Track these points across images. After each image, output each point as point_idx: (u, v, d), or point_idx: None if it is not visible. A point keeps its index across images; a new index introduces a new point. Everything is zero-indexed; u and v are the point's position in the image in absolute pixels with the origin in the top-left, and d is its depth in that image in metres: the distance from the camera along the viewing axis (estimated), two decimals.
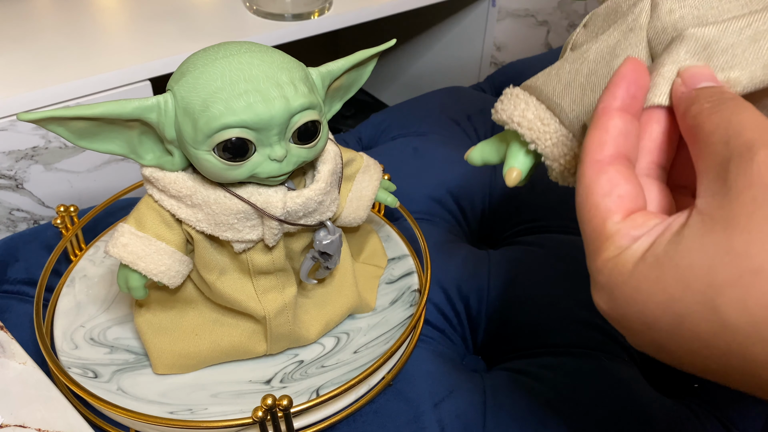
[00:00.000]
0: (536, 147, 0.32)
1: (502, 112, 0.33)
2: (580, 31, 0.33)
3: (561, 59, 0.33)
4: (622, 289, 0.21)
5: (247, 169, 0.32)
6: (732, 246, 0.18)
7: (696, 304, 0.19)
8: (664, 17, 0.28)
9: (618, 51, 0.30)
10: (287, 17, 0.70)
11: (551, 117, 0.32)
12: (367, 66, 0.38)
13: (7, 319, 0.44)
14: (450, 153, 0.61)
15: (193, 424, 0.34)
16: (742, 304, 0.18)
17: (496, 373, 0.42)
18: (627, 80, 0.24)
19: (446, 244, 0.51)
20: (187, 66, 0.32)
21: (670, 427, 0.38)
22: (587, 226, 0.23)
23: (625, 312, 0.22)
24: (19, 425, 0.34)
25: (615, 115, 0.24)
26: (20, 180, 0.59)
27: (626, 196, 0.23)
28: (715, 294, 0.19)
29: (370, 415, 0.39)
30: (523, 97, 0.33)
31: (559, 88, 0.31)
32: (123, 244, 0.35)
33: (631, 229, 0.22)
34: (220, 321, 0.40)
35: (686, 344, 0.20)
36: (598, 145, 0.24)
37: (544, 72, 0.33)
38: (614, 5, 0.31)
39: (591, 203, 0.23)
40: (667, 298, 0.20)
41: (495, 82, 0.80)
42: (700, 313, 0.19)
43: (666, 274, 0.20)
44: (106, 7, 0.72)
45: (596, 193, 0.23)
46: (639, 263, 0.21)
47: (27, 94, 0.55)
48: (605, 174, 0.23)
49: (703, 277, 0.19)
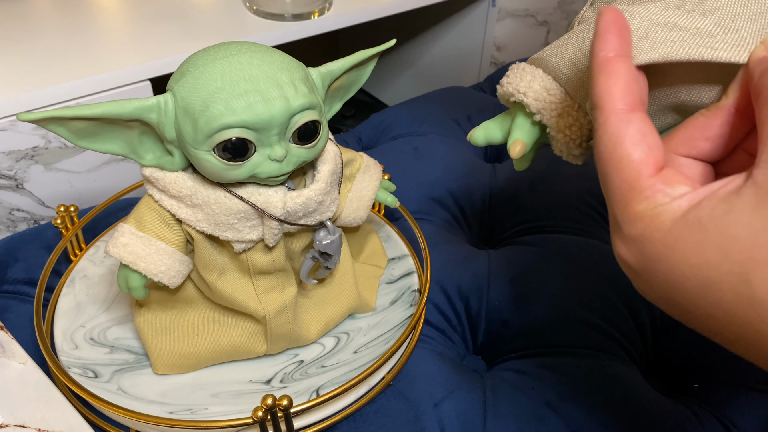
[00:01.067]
0: (542, 117, 0.32)
1: (507, 84, 0.33)
2: (587, 10, 0.33)
3: (568, 33, 0.32)
4: (655, 245, 0.21)
5: (247, 169, 0.32)
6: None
7: (730, 273, 0.19)
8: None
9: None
10: (287, 17, 0.70)
11: (558, 87, 0.32)
12: (367, 66, 0.38)
13: (7, 319, 0.44)
14: (450, 153, 0.61)
15: (193, 424, 0.34)
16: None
17: (496, 373, 0.42)
18: (616, 25, 0.24)
19: (446, 244, 0.51)
20: (187, 66, 0.32)
21: (670, 427, 0.38)
22: (616, 177, 0.22)
23: (653, 266, 0.21)
24: (19, 425, 0.34)
25: (618, 60, 0.23)
26: (20, 180, 0.59)
27: (655, 146, 0.22)
28: (753, 268, 0.18)
29: (370, 415, 0.39)
30: (529, 70, 0.33)
31: (566, 58, 0.31)
32: (123, 244, 0.35)
33: (667, 186, 0.22)
34: (220, 321, 0.40)
35: (706, 309, 0.20)
36: (616, 93, 0.23)
37: (551, 45, 0.33)
38: None
39: (621, 153, 0.22)
40: (702, 262, 0.20)
41: (495, 82, 0.80)
42: (731, 283, 0.19)
43: (708, 239, 0.20)
44: (106, 7, 0.72)
45: (627, 143, 0.22)
46: (679, 221, 0.20)
47: (27, 94, 0.55)
48: (633, 123, 0.22)
49: (745, 251, 0.19)
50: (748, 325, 0.19)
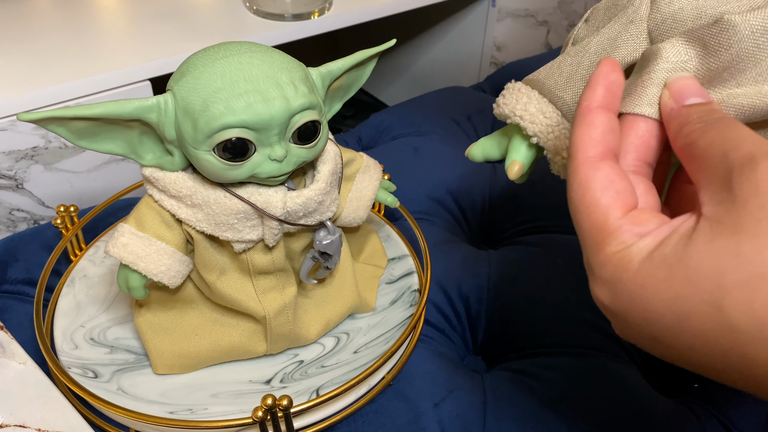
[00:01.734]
0: (538, 140, 0.32)
1: (504, 106, 0.33)
2: (582, 26, 0.33)
3: (562, 54, 0.33)
4: (627, 285, 0.22)
5: (247, 169, 0.32)
6: (741, 250, 0.19)
7: (703, 303, 0.20)
8: (663, 8, 0.28)
9: (619, 42, 0.30)
10: (287, 17, 0.70)
11: (553, 110, 0.32)
12: (367, 66, 0.38)
13: (7, 319, 0.44)
14: (450, 153, 0.61)
15: (193, 424, 0.34)
16: (748, 306, 0.19)
17: (496, 373, 0.42)
18: (606, 79, 0.25)
19: (446, 244, 0.51)
20: (187, 66, 0.32)
21: (670, 427, 0.38)
22: (586, 222, 0.23)
23: (627, 307, 0.22)
24: (19, 425, 0.34)
25: (599, 112, 0.25)
26: (20, 180, 0.59)
27: (623, 191, 0.23)
28: (723, 295, 0.19)
29: (370, 415, 0.39)
30: (525, 91, 0.33)
31: (561, 81, 0.31)
32: (123, 244, 0.35)
33: (635, 226, 0.22)
34: (220, 321, 0.40)
35: (688, 341, 0.21)
36: (589, 143, 0.24)
37: (546, 66, 0.33)
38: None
39: (589, 199, 0.23)
40: (674, 297, 0.20)
41: (495, 82, 0.80)
42: (706, 312, 0.20)
43: (674, 273, 0.20)
44: (106, 7, 0.72)
45: (594, 189, 0.23)
46: (645, 261, 0.21)
47: (27, 94, 0.55)
48: (600, 170, 0.24)
49: (711, 279, 0.19)
50: (730, 351, 0.20)
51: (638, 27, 0.29)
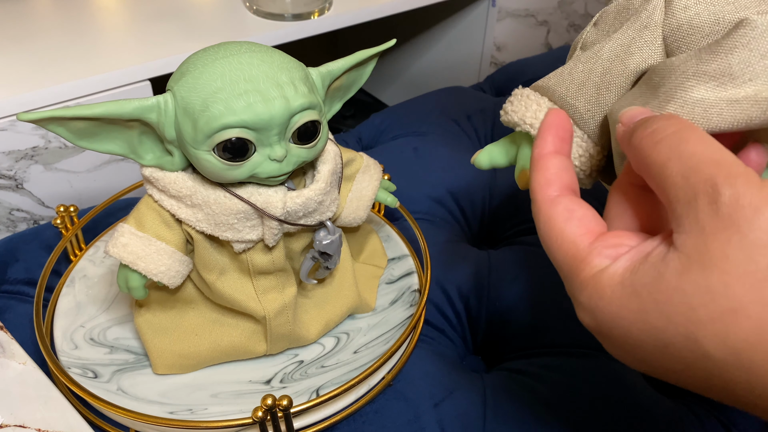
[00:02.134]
0: None
1: (513, 113, 0.33)
2: (591, 30, 0.33)
3: (572, 59, 0.32)
4: (603, 313, 0.22)
5: (247, 169, 0.32)
6: (711, 286, 0.20)
7: (678, 335, 0.20)
8: (679, 14, 0.28)
9: (633, 49, 0.29)
10: (287, 17, 0.70)
11: None
12: (367, 66, 0.38)
13: (7, 319, 0.44)
14: (450, 153, 0.61)
15: (193, 424, 0.34)
16: (722, 338, 0.19)
17: (496, 373, 0.42)
18: (554, 127, 0.27)
19: (446, 244, 0.51)
20: (187, 66, 0.32)
21: (670, 427, 0.38)
22: (558, 254, 0.24)
23: (608, 332, 0.23)
24: (19, 425, 0.34)
25: (550, 156, 0.26)
26: (20, 180, 0.59)
27: (584, 217, 0.24)
28: (696, 329, 0.20)
29: (370, 415, 0.39)
30: (534, 98, 0.33)
31: (573, 89, 0.31)
32: (123, 244, 0.35)
33: (605, 249, 0.23)
34: (220, 321, 0.40)
35: (671, 365, 0.21)
36: (545, 184, 0.25)
37: (556, 72, 0.32)
38: (626, 2, 0.31)
39: (555, 232, 0.24)
40: (650, 327, 0.21)
41: (495, 82, 0.80)
42: (683, 343, 0.20)
43: (646, 306, 0.21)
44: (106, 7, 0.72)
45: (557, 222, 0.24)
46: (617, 289, 0.22)
47: (27, 94, 0.55)
48: (559, 204, 0.25)
49: (684, 314, 0.20)
50: (711, 376, 0.20)
51: (653, 33, 0.29)
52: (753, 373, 0.19)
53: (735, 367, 0.19)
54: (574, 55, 0.32)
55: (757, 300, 0.19)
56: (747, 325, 0.19)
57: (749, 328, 0.19)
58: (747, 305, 0.19)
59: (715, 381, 0.20)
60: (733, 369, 0.19)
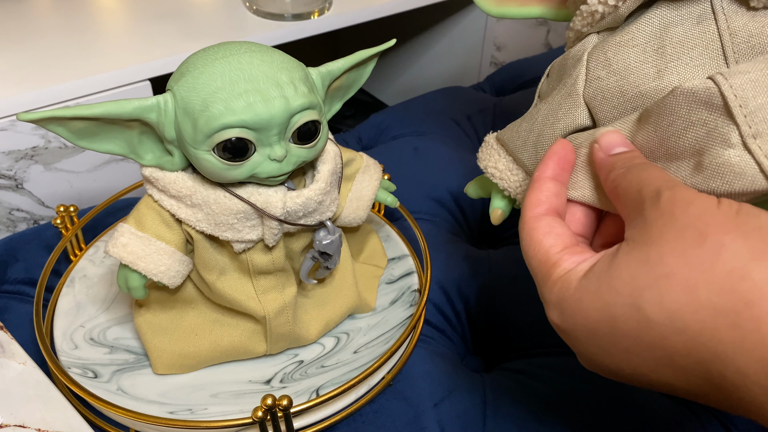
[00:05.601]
0: (509, 194, 0.37)
1: (481, 161, 0.38)
2: (544, 81, 0.37)
3: (522, 116, 0.36)
4: (569, 302, 0.26)
5: (246, 169, 0.32)
6: (648, 257, 0.23)
7: (624, 306, 0.23)
8: (594, 83, 0.31)
9: (559, 114, 0.33)
10: (287, 17, 0.70)
11: (517, 168, 0.36)
12: (367, 66, 0.38)
13: (7, 319, 0.44)
14: (450, 153, 0.61)
15: (193, 424, 0.34)
16: (659, 301, 0.22)
17: (496, 373, 0.42)
18: (557, 156, 0.31)
19: (446, 244, 0.51)
20: (187, 66, 0.32)
21: (670, 427, 0.38)
22: (533, 261, 0.28)
23: (573, 321, 0.26)
24: (19, 425, 0.34)
25: (547, 181, 0.30)
26: (20, 180, 0.59)
27: (562, 234, 0.28)
28: (639, 295, 0.23)
29: (370, 415, 0.39)
30: (496, 148, 0.37)
31: (519, 144, 0.35)
32: (123, 244, 0.35)
33: (573, 255, 0.27)
34: (220, 321, 0.40)
35: (622, 344, 0.24)
36: (535, 203, 0.30)
37: (511, 126, 0.37)
38: (564, 60, 0.34)
39: (534, 242, 0.28)
40: (603, 304, 0.24)
41: (495, 82, 0.80)
42: (629, 313, 0.23)
43: (602, 284, 0.24)
44: (106, 7, 0.72)
45: (538, 233, 0.28)
46: (582, 279, 0.26)
47: (27, 94, 0.55)
48: (543, 221, 0.29)
49: (628, 284, 0.23)
50: (653, 346, 0.23)
51: (575, 100, 0.32)
52: (687, 335, 0.22)
53: (672, 331, 0.22)
54: (527, 112, 0.36)
55: (684, 264, 0.22)
56: (677, 287, 0.22)
57: (679, 289, 0.22)
58: (677, 270, 0.22)
59: (658, 352, 0.23)
60: (671, 333, 0.22)
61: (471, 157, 0.63)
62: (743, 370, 0.21)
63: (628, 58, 0.30)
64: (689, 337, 0.22)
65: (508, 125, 0.37)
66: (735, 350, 0.21)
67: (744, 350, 0.21)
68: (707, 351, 0.21)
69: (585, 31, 0.33)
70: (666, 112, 0.27)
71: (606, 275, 0.24)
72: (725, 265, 0.21)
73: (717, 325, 0.21)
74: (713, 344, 0.21)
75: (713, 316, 0.21)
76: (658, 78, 0.29)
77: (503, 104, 0.71)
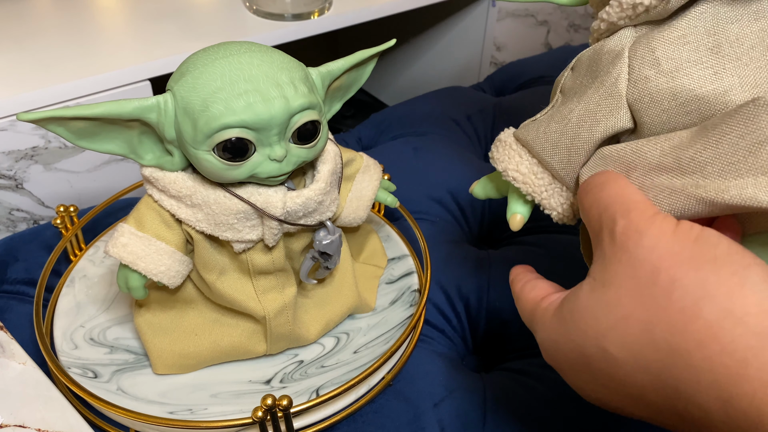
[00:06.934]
0: (533, 198, 0.34)
1: (499, 162, 0.35)
2: (568, 75, 0.33)
3: (547, 115, 0.33)
4: (547, 341, 0.27)
5: (246, 169, 0.32)
6: (608, 300, 0.24)
7: (592, 347, 0.24)
8: (640, 84, 0.28)
9: (599, 116, 0.30)
10: (287, 17, 0.70)
11: (543, 171, 0.33)
12: (367, 66, 0.38)
13: (7, 319, 0.44)
14: (450, 153, 0.61)
15: (193, 424, 0.34)
16: (622, 343, 0.23)
17: (496, 373, 0.42)
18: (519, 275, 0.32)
19: (446, 244, 0.51)
20: (187, 66, 0.32)
21: None
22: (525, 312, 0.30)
23: (556, 359, 0.27)
24: (19, 425, 0.34)
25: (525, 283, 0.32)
26: (20, 180, 0.59)
27: (545, 287, 0.30)
28: (603, 338, 0.23)
29: (370, 415, 0.39)
30: (516, 149, 0.34)
31: (547, 147, 0.32)
32: (123, 244, 0.35)
33: (551, 295, 0.29)
34: (220, 321, 0.40)
35: (598, 380, 0.25)
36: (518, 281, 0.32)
37: (535, 126, 0.33)
38: (596, 54, 0.31)
39: (524, 297, 0.30)
40: (575, 345, 0.25)
41: (495, 82, 0.80)
42: (598, 354, 0.24)
43: (568, 326, 0.25)
44: (106, 7, 0.72)
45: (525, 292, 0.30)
46: (553, 319, 0.27)
47: (27, 94, 0.55)
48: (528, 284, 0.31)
49: (592, 326, 0.24)
50: (622, 384, 0.23)
51: (617, 102, 0.29)
52: (651, 374, 0.22)
53: (637, 370, 0.22)
54: (548, 109, 0.33)
55: (640, 305, 0.22)
56: (636, 327, 0.22)
57: (638, 329, 0.22)
58: (633, 311, 0.22)
59: (629, 389, 0.23)
60: (637, 372, 0.23)
61: (471, 157, 0.63)
62: (704, 407, 0.21)
63: (680, 57, 0.27)
64: (653, 375, 0.22)
65: (526, 123, 0.34)
66: (693, 388, 0.21)
67: (701, 389, 0.21)
68: (670, 389, 0.22)
69: (621, 24, 0.30)
70: (739, 123, 0.24)
71: (572, 315, 0.25)
72: (677, 303, 0.21)
73: (675, 364, 0.21)
74: (673, 382, 0.22)
75: (670, 356, 0.21)
76: (716, 80, 0.27)
77: (503, 104, 0.71)
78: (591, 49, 0.32)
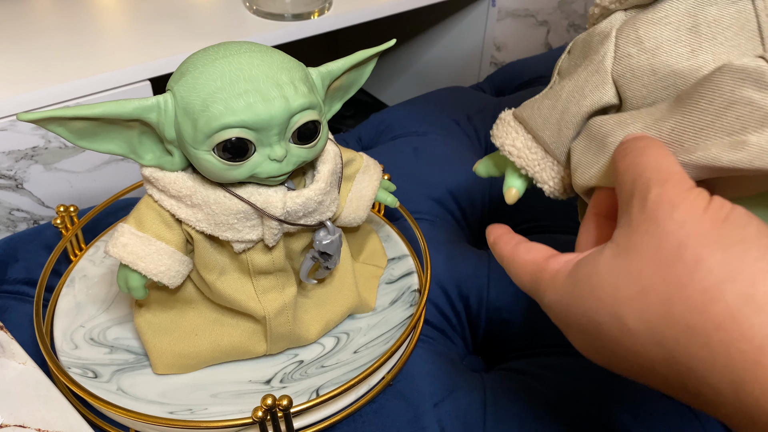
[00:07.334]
0: (526, 172, 0.36)
1: (497, 138, 0.37)
2: (565, 57, 0.36)
3: (542, 93, 0.35)
4: (558, 303, 0.26)
5: (246, 169, 0.32)
6: (630, 269, 0.23)
7: (607, 314, 0.24)
8: (624, 60, 0.31)
9: (586, 91, 0.32)
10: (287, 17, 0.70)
11: (536, 146, 0.35)
12: (367, 66, 0.38)
13: (7, 319, 0.44)
14: (450, 153, 0.61)
15: (193, 424, 0.34)
16: (638, 314, 0.23)
17: (496, 373, 0.42)
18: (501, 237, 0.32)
19: (446, 244, 0.51)
20: (187, 66, 0.32)
21: (671, 427, 0.38)
22: (524, 276, 0.29)
23: (565, 322, 0.26)
24: (19, 425, 0.34)
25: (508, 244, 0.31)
26: (20, 180, 0.59)
27: (542, 249, 0.29)
28: (620, 306, 0.23)
29: (370, 415, 0.39)
30: (513, 125, 0.36)
31: (540, 122, 0.35)
32: (123, 244, 0.35)
33: (559, 257, 0.28)
34: (220, 321, 0.40)
35: (607, 347, 0.24)
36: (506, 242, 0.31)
37: (530, 103, 0.36)
38: (589, 36, 0.33)
39: (519, 262, 0.29)
40: (587, 310, 0.25)
41: (495, 82, 0.80)
42: (611, 322, 0.23)
43: (584, 291, 0.25)
44: (106, 7, 0.72)
45: (519, 255, 0.29)
46: (566, 281, 0.26)
47: (27, 94, 0.55)
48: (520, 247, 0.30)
49: (610, 294, 0.24)
50: (637, 354, 0.23)
51: (603, 77, 0.31)
52: (665, 349, 0.22)
53: (651, 343, 0.22)
54: (546, 89, 0.35)
55: (662, 280, 0.22)
56: (655, 301, 0.22)
57: (657, 303, 0.22)
58: (655, 285, 0.22)
59: (640, 359, 0.23)
60: (651, 345, 0.22)
61: (471, 156, 0.63)
62: (716, 389, 0.21)
63: (661, 36, 0.29)
64: (667, 350, 0.22)
65: (525, 102, 0.36)
66: (707, 369, 0.21)
67: (715, 371, 0.21)
68: (683, 366, 0.22)
69: (612, 8, 0.33)
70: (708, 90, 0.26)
71: (588, 280, 0.25)
72: (700, 283, 0.21)
73: (690, 342, 0.21)
74: (687, 360, 0.22)
75: (686, 334, 0.21)
76: (692, 57, 0.29)
77: (503, 104, 0.71)
78: (585, 32, 0.34)
